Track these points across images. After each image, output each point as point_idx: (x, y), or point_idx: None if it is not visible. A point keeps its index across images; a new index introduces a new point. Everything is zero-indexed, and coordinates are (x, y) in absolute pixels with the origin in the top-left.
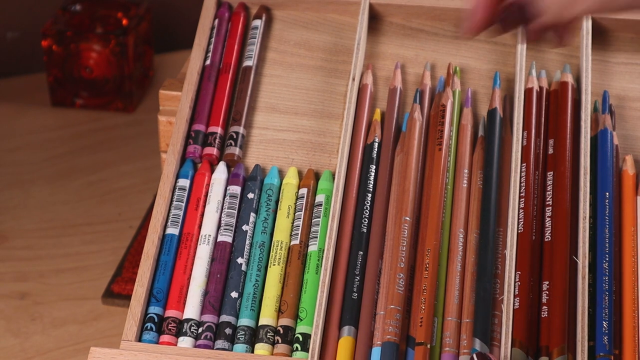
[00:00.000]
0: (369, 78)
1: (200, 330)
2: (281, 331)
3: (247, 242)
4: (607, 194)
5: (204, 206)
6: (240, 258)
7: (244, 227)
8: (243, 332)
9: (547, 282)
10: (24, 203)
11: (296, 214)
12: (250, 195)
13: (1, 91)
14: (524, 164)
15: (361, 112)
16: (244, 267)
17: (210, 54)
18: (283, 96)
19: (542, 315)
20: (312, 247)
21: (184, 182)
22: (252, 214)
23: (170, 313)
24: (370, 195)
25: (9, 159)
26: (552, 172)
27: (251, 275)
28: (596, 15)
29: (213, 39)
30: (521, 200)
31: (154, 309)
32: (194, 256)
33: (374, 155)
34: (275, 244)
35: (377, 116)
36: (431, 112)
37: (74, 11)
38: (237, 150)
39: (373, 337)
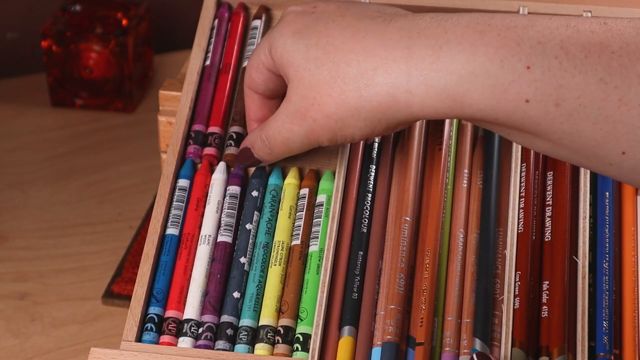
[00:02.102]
0: None
1: (200, 330)
2: (281, 331)
3: (250, 241)
4: (607, 193)
5: (204, 206)
6: (243, 257)
7: (248, 226)
8: (245, 333)
9: (547, 282)
10: (24, 203)
11: (297, 214)
12: (255, 194)
13: (1, 91)
14: (524, 164)
15: None
16: (246, 267)
17: (210, 54)
18: None
19: (542, 315)
20: (313, 248)
21: (184, 183)
22: (256, 213)
23: (170, 313)
24: (370, 195)
25: (9, 159)
26: (552, 172)
27: (254, 275)
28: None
29: (213, 39)
30: (521, 200)
31: (154, 310)
32: (194, 256)
33: (374, 155)
34: (276, 244)
35: None
36: None
37: (73, 11)
38: (237, 151)
39: (373, 337)
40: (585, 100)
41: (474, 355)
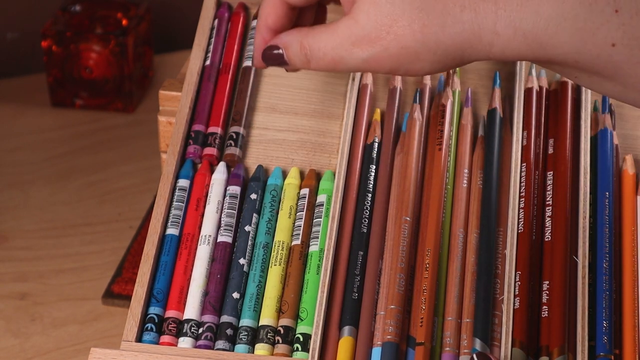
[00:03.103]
0: (368, 78)
1: (200, 330)
2: (282, 331)
3: (250, 242)
4: (607, 193)
5: (204, 206)
6: (242, 259)
7: (247, 228)
8: (246, 333)
9: (547, 282)
10: (24, 203)
11: (297, 214)
12: (253, 196)
13: (1, 91)
14: (524, 164)
15: (361, 112)
16: (245, 268)
17: (210, 54)
18: (283, 96)
19: (542, 315)
20: (313, 248)
21: (184, 183)
22: (255, 215)
23: (171, 313)
24: (370, 195)
25: (9, 159)
26: (552, 172)
27: (254, 276)
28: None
29: (213, 39)
30: (521, 200)
31: (154, 310)
32: (194, 256)
33: (374, 155)
34: (277, 244)
35: (377, 116)
36: (431, 112)
37: (73, 11)
38: (237, 151)
39: (373, 337)
40: None
41: (474, 355)
